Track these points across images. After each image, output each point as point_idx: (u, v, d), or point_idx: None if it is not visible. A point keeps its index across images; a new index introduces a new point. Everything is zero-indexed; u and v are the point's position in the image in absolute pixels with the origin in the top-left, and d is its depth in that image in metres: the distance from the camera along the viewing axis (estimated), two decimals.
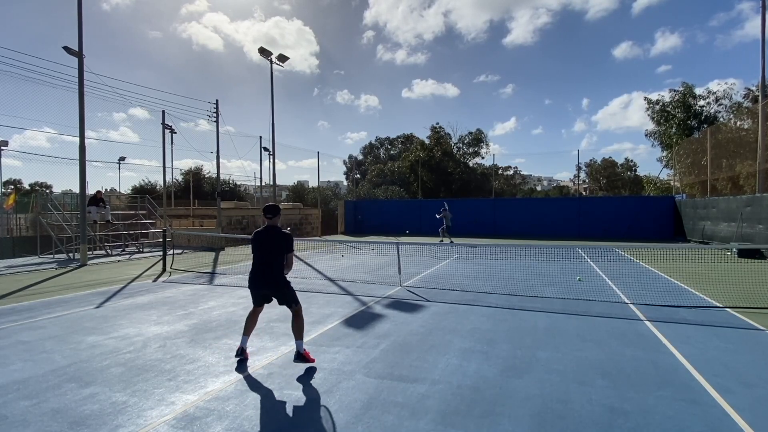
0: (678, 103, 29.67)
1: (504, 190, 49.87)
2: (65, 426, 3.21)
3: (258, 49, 21.20)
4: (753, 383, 3.93)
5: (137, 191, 33.66)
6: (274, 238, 4.50)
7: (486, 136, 47.05)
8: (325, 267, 12.14)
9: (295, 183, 47.31)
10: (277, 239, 4.49)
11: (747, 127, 24.26)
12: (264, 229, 4.59)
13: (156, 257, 14.43)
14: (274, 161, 23.76)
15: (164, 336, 5.54)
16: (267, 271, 4.47)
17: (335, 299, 7.62)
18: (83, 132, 13.26)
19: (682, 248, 11.86)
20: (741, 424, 3.18)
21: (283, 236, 4.51)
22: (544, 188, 78.10)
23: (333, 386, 3.93)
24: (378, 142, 57.79)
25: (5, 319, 6.50)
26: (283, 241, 4.49)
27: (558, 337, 5.35)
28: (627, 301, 7.40)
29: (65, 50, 13.64)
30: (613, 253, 14.46)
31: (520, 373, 4.22)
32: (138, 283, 9.77)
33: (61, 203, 18.10)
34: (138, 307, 7.20)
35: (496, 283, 9.23)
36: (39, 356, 4.78)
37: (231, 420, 3.29)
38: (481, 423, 3.24)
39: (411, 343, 5.15)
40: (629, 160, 51.78)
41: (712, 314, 6.50)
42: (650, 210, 22.54)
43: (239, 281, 9.87)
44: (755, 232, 14.25)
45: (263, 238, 4.54)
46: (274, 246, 4.47)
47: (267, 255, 4.47)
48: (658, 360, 4.54)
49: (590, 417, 3.31)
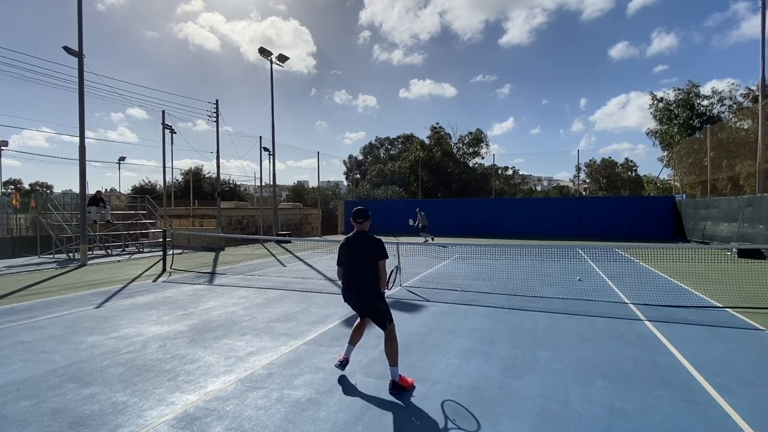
0: (682, 102, 29.63)
1: (504, 190, 49.87)
2: (65, 426, 3.21)
3: (258, 49, 21.23)
4: (753, 383, 3.93)
5: (137, 191, 33.68)
6: (364, 245, 4.04)
7: (486, 136, 47.11)
8: (325, 267, 12.14)
9: (295, 183, 47.38)
10: (368, 247, 4.02)
11: (747, 127, 24.26)
12: (354, 235, 4.13)
13: (156, 257, 14.43)
14: (274, 161, 23.77)
15: (164, 336, 5.54)
16: (358, 282, 4.05)
17: (335, 299, 7.61)
18: (83, 132, 13.26)
19: (682, 248, 11.86)
20: (741, 424, 3.18)
21: (373, 243, 4.03)
22: (544, 188, 78.12)
23: (333, 386, 3.93)
24: (378, 142, 57.82)
25: (5, 319, 6.50)
26: (375, 249, 4.01)
27: (558, 337, 5.35)
28: (627, 301, 7.40)
29: (65, 50, 13.65)
30: (613, 253, 14.46)
31: (520, 373, 4.21)
32: (138, 283, 9.77)
33: (61, 203, 18.10)
34: (138, 307, 7.20)
35: (496, 283, 9.23)
36: (39, 356, 4.78)
37: (231, 420, 3.29)
38: (481, 423, 3.24)
39: (411, 343, 5.15)
40: (629, 160, 51.83)
41: (712, 314, 6.49)
42: (650, 210, 22.53)
43: (239, 281, 9.87)
44: (756, 232, 14.25)
45: (353, 245, 4.08)
46: (364, 254, 4.02)
47: (357, 264, 4.04)
48: (658, 360, 4.54)
49: (590, 417, 3.31)
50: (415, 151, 44.45)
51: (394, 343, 3.93)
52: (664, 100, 31.02)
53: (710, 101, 29.24)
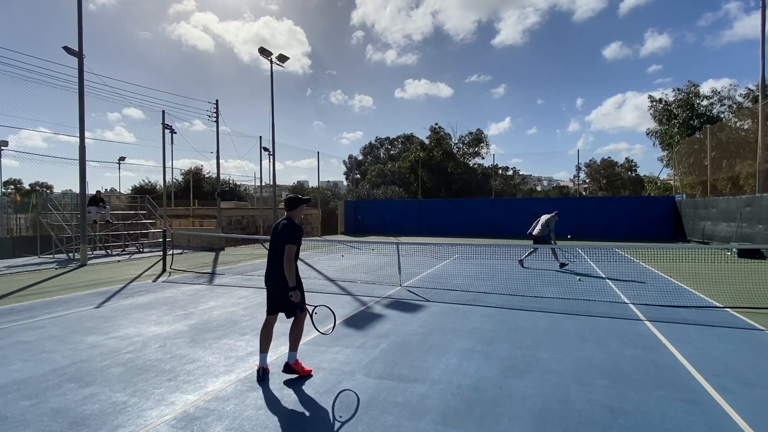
0: (682, 102, 29.62)
1: (504, 190, 49.84)
2: (65, 426, 3.21)
3: (258, 49, 21.20)
4: (753, 383, 3.93)
5: (137, 191, 33.65)
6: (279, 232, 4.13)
7: (486, 136, 47.10)
8: (324, 267, 12.14)
9: (295, 183, 47.38)
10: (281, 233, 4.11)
11: (747, 127, 24.26)
12: (278, 222, 4.29)
13: (156, 257, 14.43)
14: (274, 161, 23.76)
15: (164, 336, 5.54)
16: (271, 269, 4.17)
17: (335, 299, 7.61)
18: (83, 132, 13.26)
19: (682, 248, 11.86)
20: (741, 424, 3.18)
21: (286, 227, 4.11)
22: (544, 188, 78.11)
23: (333, 386, 3.93)
24: (378, 142, 57.79)
25: (5, 319, 6.50)
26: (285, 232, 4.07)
27: (558, 337, 5.35)
28: (627, 301, 7.40)
29: (65, 50, 13.65)
30: (613, 253, 14.46)
31: (520, 373, 4.21)
32: (138, 283, 9.76)
33: (61, 203, 18.10)
34: (138, 307, 7.20)
35: (496, 283, 9.23)
36: (39, 356, 4.78)
37: (231, 420, 3.29)
38: (481, 423, 3.23)
39: (411, 343, 5.15)
40: (629, 160, 51.74)
41: (712, 314, 6.49)
42: (650, 210, 22.53)
43: (239, 281, 9.87)
44: (755, 232, 14.25)
45: (273, 233, 4.22)
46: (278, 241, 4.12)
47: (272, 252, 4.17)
48: (658, 360, 4.54)
49: (590, 417, 3.31)
50: (415, 151, 44.41)
51: (299, 330, 4.21)
52: (663, 101, 31.04)
53: (710, 101, 29.24)
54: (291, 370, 4.15)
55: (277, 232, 4.16)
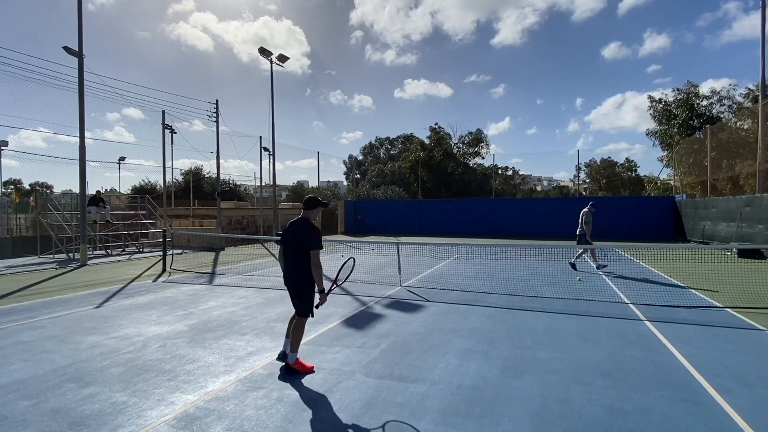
0: (681, 102, 29.63)
1: (504, 190, 49.87)
2: (65, 426, 3.21)
3: (258, 49, 21.21)
4: (753, 383, 3.93)
5: (137, 191, 33.67)
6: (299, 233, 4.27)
7: (486, 136, 47.13)
8: (324, 267, 12.10)
9: (295, 183, 47.38)
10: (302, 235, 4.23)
11: (747, 127, 24.26)
12: (295, 221, 4.40)
13: (156, 257, 14.42)
14: (275, 161, 23.77)
15: (164, 336, 5.54)
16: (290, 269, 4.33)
17: (335, 299, 7.61)
18: (83, 132, 13.26)
19: (682, 248, 11.87)
20: (741, 424, 3.18)
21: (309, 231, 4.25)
22: (544, 188, 78.14)
23: (333, 386, 3.93)
24: (378, 142, 57.83)
25: (5, 319, 6.50)
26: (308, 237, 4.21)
27: (558, 337, 5.35)
28: (627, 301, 7.40)
29: (65, 50, 13.65)
30: (613, 253, 14.45)
31: (520, 373, 4.21)
32: (138, 283, 9.76)
33: (61, 203, 18.10)
34: (138, 307, 7.20)
35: (496, 283, 9.23)
36: (39, 356, 4.78)
37: (231, 420, 3.29)
38: (481, 423, 3.24)
39: (411, 343, 5.15)
40: (629, 160, 51.75)
41: (712, 314, 6.49)
42: (650, 210, 22.52)
43: (239, 281, 9.87)
44: (755, 232, 14.25)
45: (290, 232, 4.33)
46: (299, 242, 4.26)
47: (291, 252, 4.30)
48: (658, 360, 4.54)
49: (590, 417, 3.31)
50: (415, 151, 44.44)
51: (300, 332, 4.27)
52: (662, 101, 31.05)
53: (709, 101, 29.26)
54: (292, 370, 4.21)
55: (294, 231, 4.28)
